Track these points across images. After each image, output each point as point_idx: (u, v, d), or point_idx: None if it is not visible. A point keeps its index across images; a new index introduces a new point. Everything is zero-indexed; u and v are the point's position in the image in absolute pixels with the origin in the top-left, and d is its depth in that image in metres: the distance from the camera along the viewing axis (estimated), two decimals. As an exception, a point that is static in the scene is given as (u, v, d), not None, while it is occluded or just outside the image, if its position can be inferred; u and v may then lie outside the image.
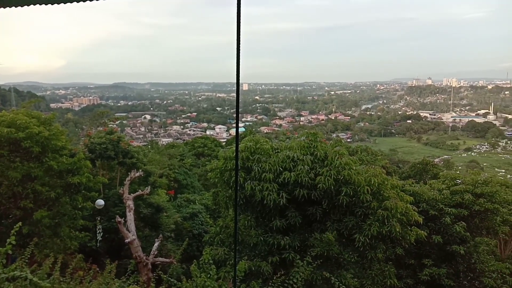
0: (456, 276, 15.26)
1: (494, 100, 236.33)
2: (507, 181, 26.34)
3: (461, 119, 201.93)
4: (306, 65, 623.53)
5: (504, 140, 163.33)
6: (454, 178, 17.27)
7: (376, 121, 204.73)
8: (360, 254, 10.48)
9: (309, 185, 10.11)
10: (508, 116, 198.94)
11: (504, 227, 16.33)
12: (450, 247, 14.44)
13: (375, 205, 10.07)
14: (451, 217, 14.46)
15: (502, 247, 21.27)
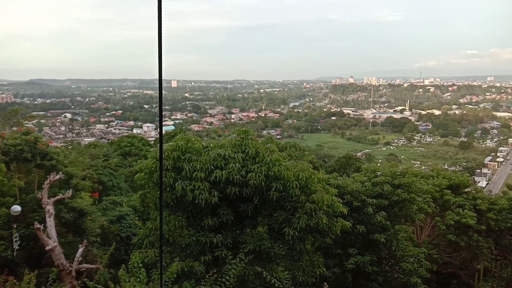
0: (379, 262, 16.33)
1: (409, 97, 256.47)
2: (422, 172, 28.69)
3: (380, 115, 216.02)
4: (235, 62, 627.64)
5: (419, 134, 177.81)
6: (375, 170, 18.44)
7: (304, 118, 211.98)
8: (290, 246, 10.79)
9: (240, 183, 10.18)
10: (422, 112, 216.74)
11: (419, 214, 17.80)
12: (373, 235, 15.40)
13: (303, 199, 10.41)
14: (373, 207, 15.41)
15: (418, 233, 23.18)
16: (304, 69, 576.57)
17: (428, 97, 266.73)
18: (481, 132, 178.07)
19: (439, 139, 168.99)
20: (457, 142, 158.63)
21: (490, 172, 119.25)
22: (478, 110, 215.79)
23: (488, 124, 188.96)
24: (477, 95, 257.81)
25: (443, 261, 22.47)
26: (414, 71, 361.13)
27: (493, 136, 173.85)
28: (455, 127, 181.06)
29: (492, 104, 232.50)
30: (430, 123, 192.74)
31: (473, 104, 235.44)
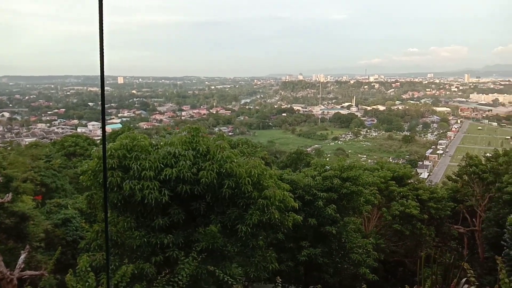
0: (329, 254, 16.81)
1: (355, 94, 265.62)
2: (368, 166, 29.82)
3: (328, 111, 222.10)
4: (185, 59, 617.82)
5: (365, 129, 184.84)
6: (324, 165, 18.93)
7: (255, 114, 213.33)
8: (243, 243, 10.79)
9: (192, 180, 10.02)
10: (367, 107, 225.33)
11: (367, 206, 18.50)
12: (324, 228, 15.81)
13: (256, 195, 10.45)
14: (323, 200, 15.82)
15: (366, 224, 24.09)
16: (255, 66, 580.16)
17: (373, 93, 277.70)
18: (423, 126, 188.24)
19: (383, 133, 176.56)
20: (400, 136, 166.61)
21: (431, 164, 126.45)
22: (420, 105, 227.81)
23: (429, 119, 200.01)
24: (418, 91, 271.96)
25: (389, 250, 23.54)
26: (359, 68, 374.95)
27: (433, 129, 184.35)
28: (398, 121, 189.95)
29: (432, 100, 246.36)
30: (375, 118, 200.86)
31: (415, 100, 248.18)
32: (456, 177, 28.45)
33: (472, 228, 26.63)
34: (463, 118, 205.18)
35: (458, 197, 27.17)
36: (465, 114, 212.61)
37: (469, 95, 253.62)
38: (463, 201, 26.89)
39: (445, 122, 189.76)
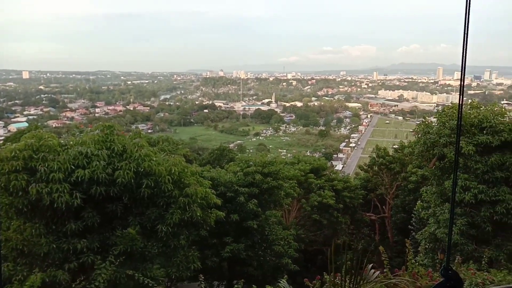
0: (252, 248, 17.07)
1: (275, 90, 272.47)
2: (288, 160, 30.77)
3: (249, 107, 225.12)
4: (98, 52, 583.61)
5: (284, 125, 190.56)
6: (247, 161, 19.15)
7: (176, 111, 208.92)
8: (164, 243, 10.52)
9: (107, 181, 9.50)
10: (286, 104, 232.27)
11: (287, 199, 19.10)
12: (246, 223, 16.01)
13: (177, 193, 10.22)
14: (245, 196, 16.01)
15: (286, 216, 24.87)
16: (174, 61, 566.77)
17: (291, 90, 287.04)
18: (337, 121, 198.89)
19: (301, 128, 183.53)
20: (317, 130, 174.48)
21: (345, 156, 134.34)
22: (334, 101, 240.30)
23: (342, 114, 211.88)
24: (332, 88, 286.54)
25: (309, 240, 24.60)
26: (278, 65, 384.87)
27: (346, 124, 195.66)
28: (314, 117, 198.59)
29: (345, 96, 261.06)
30: (294, 114, 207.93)
31: (329, 96, 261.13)
32: (367, 167, 30.52)
33: (383, 215, 28.82)
34: (373, 113, 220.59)
35: (369, 186, 29.22)
36: (374, 109, 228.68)
37: (378, 92, 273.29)
38: (374, 190, 28.98)
39: (357, 117, 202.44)
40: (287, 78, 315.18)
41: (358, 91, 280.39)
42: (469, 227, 16.29)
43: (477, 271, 9.46)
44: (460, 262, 9.41)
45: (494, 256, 15.44)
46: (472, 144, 16.27)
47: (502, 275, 9.38)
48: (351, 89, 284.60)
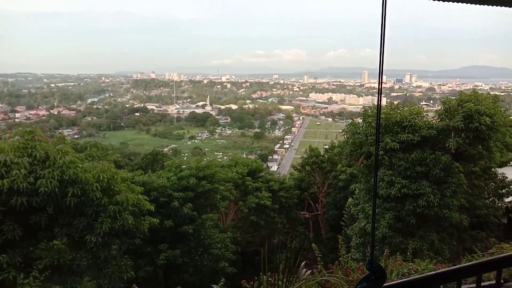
0: (189, 253, 16.77)
1: (209, 93, 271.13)
2: (224, 163, 30.72)
3: (184, 110, 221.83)
4: (17, 53, 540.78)
5: (220, 127, 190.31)
6: (180, 164, 18.80)
7: (104, 114, 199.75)
8: (94, 254, 9.97)
9: (28, 191, 8.80)
10: (221, 106, 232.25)
11: (223, 202, 19.02)
12: (181, 228, 15.69)
13: (106, 201, 9.74)
14: (180, 200, 15.69)
15: (223, 219, 24.78)
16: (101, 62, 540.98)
17: (225, 93, 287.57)
18: (271, 123, 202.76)
19: (237, 131, 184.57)
20: (252, 133, 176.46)
21: (280, 157, 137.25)
22: (267, 104, 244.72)
23: (276, 116, 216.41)
24: (266, 90, 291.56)
25: (246, 242, 24.71)
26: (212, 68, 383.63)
27: (280, 126, 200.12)
28: (249, 119, 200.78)
29: (278, 99, 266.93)
30: (229, 116, 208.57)
31: (263, 99, 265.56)
32: (300, 167, 31.40)
33: (316, 212, 29.79)
34: (305, 115, 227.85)
35: (303, 185, 30.08)
36: (306, 112, 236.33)
37: (309, 95, 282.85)
38: (307, 189, 29.88)
39: (290, 119, 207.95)
40: (221, 81, 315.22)
41: (291, 94, 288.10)
42: (395, 221, 17.35)
43: (403, 262, 10.09)
44: (388, 255, 9.94)
45: (418, 247, 16.59)
46: (395, 142, 17.37)
47: (425, 264, 10.08)
48: (284, 92, 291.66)
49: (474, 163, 19.55)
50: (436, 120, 19.60)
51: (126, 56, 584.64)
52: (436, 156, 17.43)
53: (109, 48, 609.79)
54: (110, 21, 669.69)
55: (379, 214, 17.59)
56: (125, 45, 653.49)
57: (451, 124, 18.12)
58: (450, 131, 18.42)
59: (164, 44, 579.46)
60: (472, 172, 19.83)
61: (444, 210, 16.98)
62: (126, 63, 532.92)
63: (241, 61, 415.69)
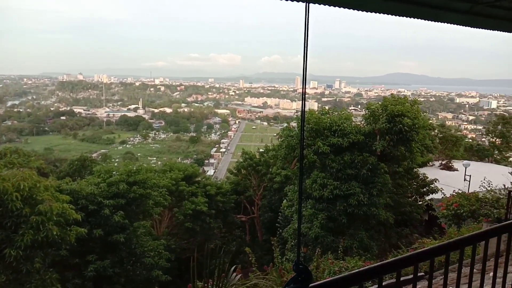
0: (120, 263, 16.04)
1: (141, 96, 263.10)
2: (158, 168, 29.95)
3: (114, 114, 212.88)
4: None
5: (153, 132, 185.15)
6: (110, 170, 17.98)
7: (26, 118, 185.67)
8: (15, 269, 9.19)
9: None
10: (155, 110, 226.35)
11: (156, 208, 18.49)
12: (112, 237, 14.99)
13: (28, 212, 9.04)
14: (110, 208, 14.99)
15: (157, 226, 24.09)
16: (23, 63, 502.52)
17: (159, 96, 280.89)
18: (207, 127, 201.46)
19: (172, 135, 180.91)
20: (187, 137, 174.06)
21: (216, 161, 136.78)
22: (203, 108, 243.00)
23: (212, 120, 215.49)
24: (201, 94, 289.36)
25: (182, 248, 24.21)
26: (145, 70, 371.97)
27: (216, 130, 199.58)
28: (185, 123, 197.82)
29: (214, 102, 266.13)
30: (163, 120, 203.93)
31: (199, 103, 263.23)
32: (236, 171, 31.51)
33: (252, 215, 30.04)
34: (241, 119, 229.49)
35: (239, 189, 30.21)
36: (242, 116, 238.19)
37: (244, 99, 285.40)
38: (243, 192, 30.05)
39: (226, 123, 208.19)
40: (154, 84, 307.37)
41: (226, 98, 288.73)
42: (327, 221, 18.00)
43: (334, 260, 10.47)
44: (319, 254, 10.26)
45: (349, 245, 17.34)
46: (326, 145, 18.07)
47: (354, 261, 10.54)
48: (220, 96, 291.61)
49: (398, 164, 20.91)
50: (363, 124, 20.72)
51: (51, 57, 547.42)
52: (363, 158, 18.40)
53: (32, 48, 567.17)
54: (34, 20, 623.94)
55: (312, 215, 18.16)
56: (50, 45, 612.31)
57: (377, 127, 19.25)
58: (376, 134, 19.55)
59: (92, 45, 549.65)
60: (397, 172, 21.17)
61: (372, 209, 17.95)
62: (51, 64, 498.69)
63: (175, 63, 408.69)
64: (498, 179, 18.68)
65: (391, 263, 1.93)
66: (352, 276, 1.81)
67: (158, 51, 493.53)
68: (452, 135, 39.01)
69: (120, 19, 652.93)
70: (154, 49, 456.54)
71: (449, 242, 2.31)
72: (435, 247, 2.19)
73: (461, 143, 38.89)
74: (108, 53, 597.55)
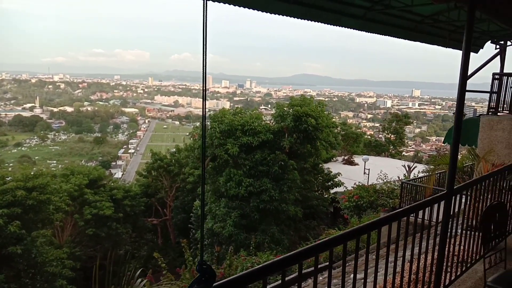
0: (17, 277, 14.66)
1: (38, 94, 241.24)
2: (58, 172, 27.76)
3: (7, 113, 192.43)
4: None
5: (53, 133, 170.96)
6: (3, 176, 16.29)
7: None
8: None
9: None
10: (54, 109, 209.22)
11: (57, 214, 17.18)
12: (6, 250, 13.62)
13: None
14: (4, 218, 13.60)
15: (59, 234, 22.35)
16: None
17: (59, 94, 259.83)
18: (113, 127, 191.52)
19: (74, 136, 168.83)
20: (92, 138, 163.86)
21: (124, 163, 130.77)
22: (109, 106, 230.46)
23: (119, 119, 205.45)
24: (106, 92, 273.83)
25: (88, 256, 22.78)
26: (42, 66, 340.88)
27: (124, 130, 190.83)
28: (88, 123, 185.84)
29: (121, 101, 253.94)
30: (64, 120, 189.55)
31: (104, 101, 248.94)
32: (146, 173, 30.50)
33: (164, 218, 29.33)
34: (151, 118, 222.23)
35: (150, 191, 29.29)
36: (152, 115, 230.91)
37: (154, 97, 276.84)
38: (155, 194, 29.19)
39: (135, 123, 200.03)
40: (53, 81, 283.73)
41: (134, 96, 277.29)
42: (241, 218, 18.32)
43: (247, 257, 10.71)
44: (232, 252, 10.41)
45: (261, 241, 17.85)
46: (237, 145, 18.39)
47: (266, 256, 10.90)
48: (127, 94, 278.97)
49: (305, 160, 22.05)
50: (273, 123, 21.50)
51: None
52: (275, 156, 19.09)
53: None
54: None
55: (225, 214, 18.35)
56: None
57: (285, 125, 20.11)
58: (285, 133, 20.40)
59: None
60: (304, 168, 22.29)
61: (282, 204, 18.69)
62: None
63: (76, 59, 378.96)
64: (393, 171, 20.68)
65: (293, 256, 2.04)
66: (257, 271, 1.88)
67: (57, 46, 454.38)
68: (353, 132, 42.11)
69: (11, 9, 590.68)
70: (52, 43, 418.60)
71: (345, 232, 2.50)
72: (331, 238, 2.36)
73: (361, 140, 42.15)
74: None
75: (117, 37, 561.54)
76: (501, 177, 5.32)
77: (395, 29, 7.24)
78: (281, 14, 4.90)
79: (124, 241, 24.82)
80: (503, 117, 10.92)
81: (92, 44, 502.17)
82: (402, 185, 12.77)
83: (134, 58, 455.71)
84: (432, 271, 3.87)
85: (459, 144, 3.61)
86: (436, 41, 8.29)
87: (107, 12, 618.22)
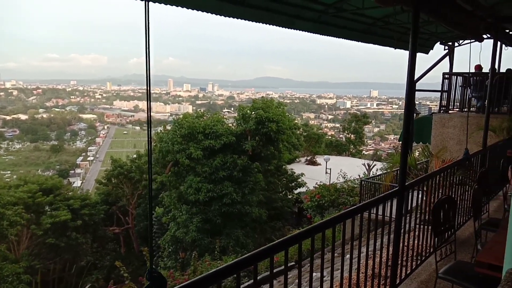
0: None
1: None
2: (11, 183, 26.45)
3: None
4: None
5: (6, 142, 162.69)
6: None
7: None
8: None
9: None
10: (7, 117, 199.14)
11: (12, 229, 16.36)
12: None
13: None
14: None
15: (15, 248, 21.28)
16: None
17: (12, 101, 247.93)
18: (71, 134, 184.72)
19: (29, 144, 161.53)
20: (48, 146, 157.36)
21: (84, 171, 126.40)
22: (65, 113, 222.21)
23: (76, 126, 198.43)
24: (63, 98, 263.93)
25: (47, 269, 21.83)
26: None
27: (82, 137, 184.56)
28: (44, 131, 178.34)
29: (78, 107, 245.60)
30: (18, 128, 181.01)
31: (60, 107, 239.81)
32: (106, 181, 29.62)
33: (127, 226, 28.57)
34: (110, 124, 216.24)
35: (111, 199, 28.46)
36: (111, 120, 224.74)
37: (113, 102, 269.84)
38: (116, 202, 28.38)
39: (93, 129, 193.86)
40: (5, 87, 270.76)
41: (92, 101, 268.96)
42: (203, 223, 18.15)
43: (212, 262, 10.61)
44: (196, 257, 10.31)
45: (225, 245, 17.75)
46: (200, 149, 18.22)
47: (231, 260, 10.83)
48: (84, 100, 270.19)
49: (269, 162, 22.17)
50: (235, 126, 21.49)
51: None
52: (234, 159, 19.07)
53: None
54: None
55: (187, 220, 18.14)
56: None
57: (247, 128, 20.15)
58: (247, 135, 20.44)
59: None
60: (268, 170, 22.41)
61: (246, 207, 18.69)
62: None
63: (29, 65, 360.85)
64: (354, 170, 21.19)
65: (248, 258, 2.04)
66: (211, 276, 1.86)
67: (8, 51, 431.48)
68: (315, 133, 42.87)
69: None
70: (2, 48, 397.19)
71: (299, 232, 2.53)
72: (287, 238, 2.38)
73: (322, 140, 42.98)
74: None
75: (71, 41, 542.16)
76: (451, 173, 5.59)
77: (349, 31, 7.44)
78: (236, 17, 4.91)
79: (85, 252, 23.99)
80: (453, 115, 11.49)
81: (45, 48, 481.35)
82: (361, 183, 13.12)
83: (91, 62, 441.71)
84: (389, 266, 3.99)
85: (408, 142, 3.75)
86: (386, 43, 8.59)
87: (58, 15, 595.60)
